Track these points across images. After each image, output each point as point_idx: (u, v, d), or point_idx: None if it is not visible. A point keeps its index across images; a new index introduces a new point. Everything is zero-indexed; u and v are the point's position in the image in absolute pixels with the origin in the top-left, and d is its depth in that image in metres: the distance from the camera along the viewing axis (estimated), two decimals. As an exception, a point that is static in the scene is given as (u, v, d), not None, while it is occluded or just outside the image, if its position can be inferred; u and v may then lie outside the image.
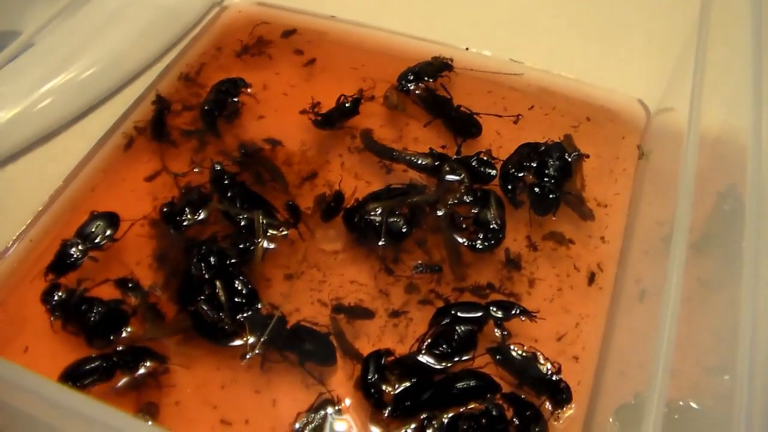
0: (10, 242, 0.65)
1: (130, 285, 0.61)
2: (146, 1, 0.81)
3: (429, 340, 0.57)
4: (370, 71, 0.77)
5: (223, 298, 0.58)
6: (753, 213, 0.44)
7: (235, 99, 0.74)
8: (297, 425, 0.53)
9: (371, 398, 0.54)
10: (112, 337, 0.58)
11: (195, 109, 0.74)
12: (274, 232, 0.63)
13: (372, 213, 0.63)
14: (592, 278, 0.62)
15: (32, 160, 0.70)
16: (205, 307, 0.58)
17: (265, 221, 0.62)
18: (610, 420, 0.52)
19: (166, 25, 0.82)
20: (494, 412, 0.53)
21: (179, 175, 0.68)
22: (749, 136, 0.48)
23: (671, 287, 0.44)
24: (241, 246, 0.61)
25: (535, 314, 0.58)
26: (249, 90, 0.75)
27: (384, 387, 0.54)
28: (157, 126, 0.72)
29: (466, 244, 0.62)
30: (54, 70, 0.74)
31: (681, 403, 0.44)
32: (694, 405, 0.44)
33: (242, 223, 0.63)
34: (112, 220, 0.64)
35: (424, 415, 0.53)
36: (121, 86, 0.77)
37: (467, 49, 0.78)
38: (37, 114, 0.71)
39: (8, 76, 0.71)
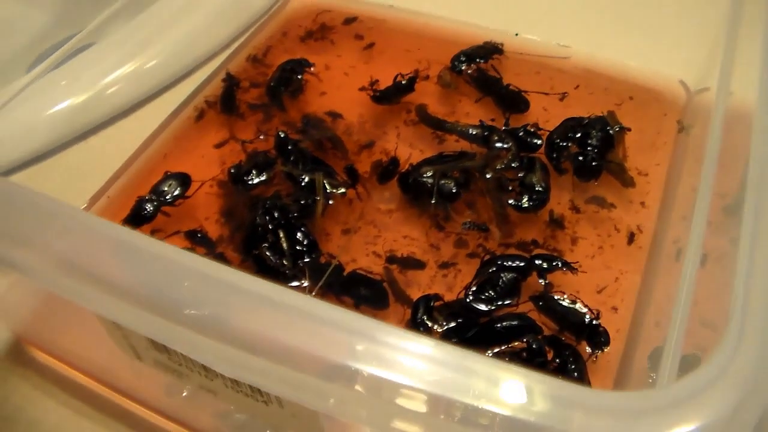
0: (90, 198, 0.70)
1: (198, 236, 0.66)
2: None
3: (475, 287, 0.61)
4: (425, 54, 0.82)
5: (285, 245, 0.63)
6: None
7: (299, 77, 0.79)
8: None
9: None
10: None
11: (262, 87, 0.80)
12: (334, 191, 0.67)
13: (425, 175, 0.67)
14: (631, 238, 0.66)
15: (111, 132, 0.76)
16: (268, 253, 0.62)
17: (325, 181, 0.67)
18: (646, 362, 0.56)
19: (235, 14, 0.88)
20: (534, 346, 0.56)
21: (246, 141, 0.73)
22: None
23: (695, 245, 0.47)
24: (303, 202, 0.66)
25: (576, 266, 0.62)
26: (312, 69, 0.80)
27: (431, 325, 0.58)
28: (226, 100, 0.78)
29: (512, 203, 0.66)
30: (127, 56, 0.81)
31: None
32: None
33: (304, 183, 0.67)
34: (183, 179, 0.69)
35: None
36: (191, 70, 0.83)
37: (517, 34, 0.82)
38: (110, 95, 0.78)
39: (85, 63, 0.78)
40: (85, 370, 0.60)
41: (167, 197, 0.68)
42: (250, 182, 0.68)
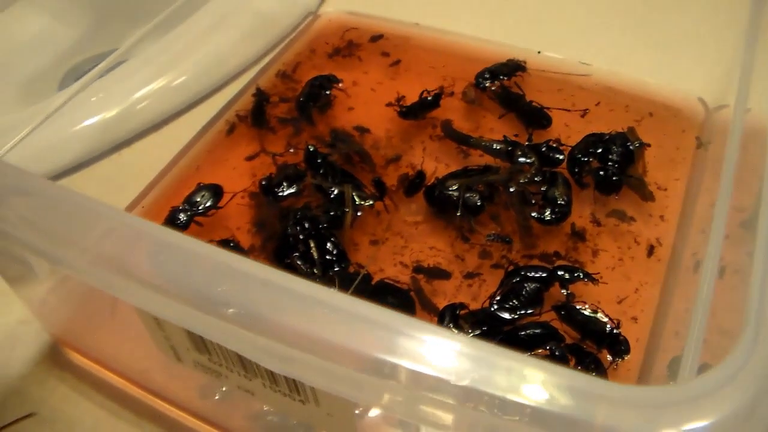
0: (125, 208, 0.72)
1: (231, 245, 0.68)
2: (247, 10, 0.90)
3: (499, 297, 0.63)
4: (449, 71, 0.84)
5: (315, 254, 0.65)
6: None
7: (328, 92, 0.81)
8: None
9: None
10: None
11: (291, 102, 0.82)
12: (362, 203, 0.69)
13: (450, 189, 0.69)
14: (651, 251, 0.67)
15: (144, 145, 0.79)
16: (299, 262, 0.65)
17: (354, 193, 0.69)
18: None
19: (263, 32, 0.91)
20: (557, 353, 0.58)
21: (277, 154, 0.76)
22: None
23: (713, 258, 0.48)
24: (332, 213, 0.68)
25: (597, 277, 0.64)
26: (340, 85, 0.82)
27: (457, 332, 0.60)
28: (257, 114, 0.81)
29: (535, 216, 0.68)
30: (159, 72, 0.84)
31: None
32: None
33: (333, 195, 0.70)
34: (215, 190, 0.72)
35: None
36: (221, 85, 0.86)
37: (539, 52, 0.84)
38: (142, 110, 0.81)
39: (117, 78, 0.81)
40: (121, 372, 0.62)
41: (200, 207, 0.70)
42: (280, 194, 0.70)
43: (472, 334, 0.60)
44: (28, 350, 0.65)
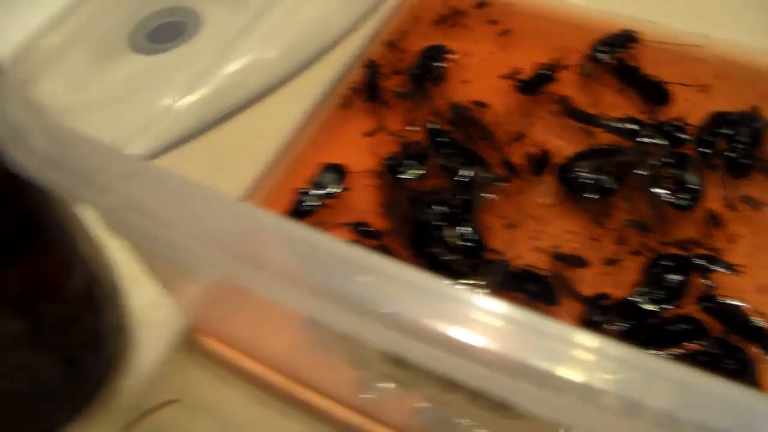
0: (241, 188, 0.72)
1: (364, 228, 0.68)
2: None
3: (642, 287, 0.63)
4: (562, 42, 0.83)
5: (453, 241, 0.64)
6: None
7: (441, 64, 0.80)
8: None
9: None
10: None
11: (403, 74, 0.81)
12: (491, 185, 0.69)
13: (582, 170, 0.68)
14: (787, 237, 0.67)
15: (247, 120, 0.77)
16: (438, 250, 0.64)
17: (482, 174, 0.69)
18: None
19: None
20: (706, 349, 0.58)
21: (398, 134, 0.75)
22: None
23: None
24: (466, 197, 0.67)
25: (737, 267, 0.63)
26: (452, 56, 0.81)
27: (605, 327, 0.60)
28: (371, 88, 0.79)
29: (668, 200, 0.67)
30: (255, 42, 0.82)
31: None
32: None
33: (460, 176, 0.69)
34: (339, 170, 0.71)
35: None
36: (320, 53, 0.84)
37: (654, 22, 0.82)
38: (239, 83, 0.79)
39: (211, 49, 0.79)
40: (264, 361, 0.62)
41: (327, 190, 0.69)
42: (406, 174, 0.70)
43: (620, 327, 0.60)
44: (166, 335, 0.66)
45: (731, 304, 0.61)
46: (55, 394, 0.59)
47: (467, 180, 0.69)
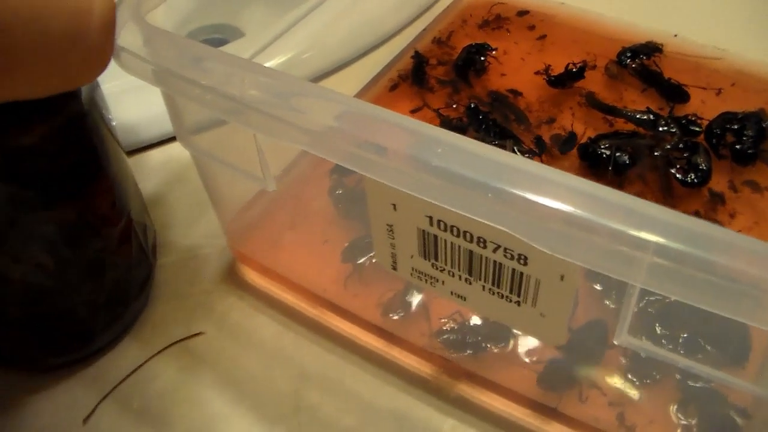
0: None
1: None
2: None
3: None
4: (592, 48, 0.92)
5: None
6: None
7: (483, 58, 0.90)
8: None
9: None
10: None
11: (447, 65, 0.91)
12: (524, 157, 0.77)
13: (602, 147, 0.77)
14: (785, 217, 0.75)
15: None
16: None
17: (515, 147, 0.78)
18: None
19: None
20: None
21: (440, 109, 0.84)
22: None
23: None
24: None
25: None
26: (493, 53, 0.91)
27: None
28: (417, 73, 0.89)
29: (679, 178, 0.75)
30: (319, 32, 0.92)
31: None
32: None
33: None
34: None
35: None
36: (377, 45, 0.95)
37: (676, 35, 0.92)
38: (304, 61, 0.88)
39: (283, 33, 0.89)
40: (300, 289, 0.70)
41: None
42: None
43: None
44: (212, 267, 0.73)
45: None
46: (100, 315, 0.63)
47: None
